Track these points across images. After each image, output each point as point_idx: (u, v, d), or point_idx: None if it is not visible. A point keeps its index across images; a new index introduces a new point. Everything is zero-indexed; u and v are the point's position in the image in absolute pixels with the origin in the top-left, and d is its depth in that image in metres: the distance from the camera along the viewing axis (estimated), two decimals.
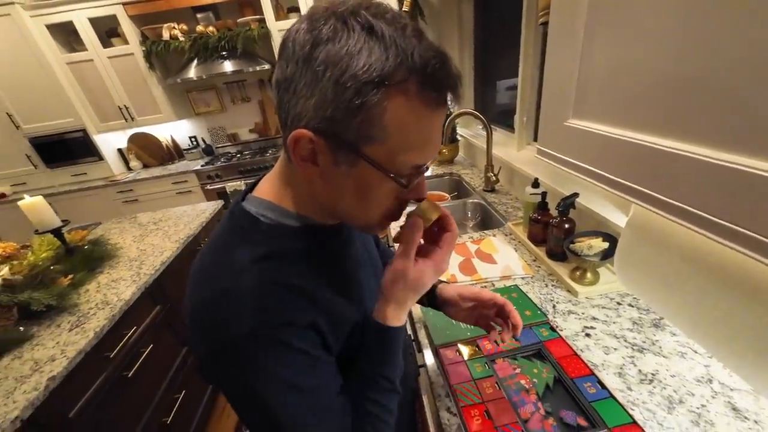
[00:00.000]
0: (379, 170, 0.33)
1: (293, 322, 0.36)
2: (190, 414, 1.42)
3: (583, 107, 0.50)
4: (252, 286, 0.35)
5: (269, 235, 0.39)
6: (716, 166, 0.32)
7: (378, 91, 0.29)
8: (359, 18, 0.29)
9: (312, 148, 0.33)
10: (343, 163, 0.34)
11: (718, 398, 0.58)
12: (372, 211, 0.39)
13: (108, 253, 1.44)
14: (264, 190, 0.42)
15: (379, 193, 0.37)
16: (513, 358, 0.68)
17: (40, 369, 0.88)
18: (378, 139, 0.32)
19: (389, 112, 0.30)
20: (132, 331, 1.15)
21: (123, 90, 2.76)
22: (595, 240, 0.83)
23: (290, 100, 0.32)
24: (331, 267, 0.44)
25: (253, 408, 0.36)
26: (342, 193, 0.37)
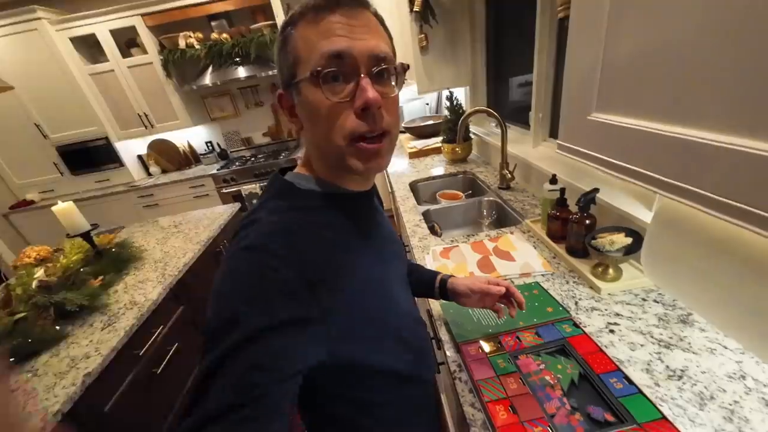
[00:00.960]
0: (303, 81, 0.40)
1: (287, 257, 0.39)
2: None
3: (607, 100, 0.50)
4: (269, 245, 0.39)
5: (302, 197, 0.46)
6: (747, 154, 0.32)
7: (287, 29, 0.41)
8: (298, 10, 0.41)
9: (287, 104, 0.45)
10: (296, 98, 0.43)
11: (752, 394, 0.56)
12: (329, 131, 0.41)
13: (134, 255, 1.50)
14: (299, 166, 0.51)
15: (319, 106, 0.40)
16: (536, 354, 0.68)
17: (76, 366, 0.92)
18: (295, 60, 0.41)
19: (298, 38, 0.40)
20: (159, 330, 1.19)
21: (142, 98, 2.86)
22: (617, 235, 0.82)
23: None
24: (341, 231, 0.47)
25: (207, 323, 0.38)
26: (308, 128, 0.44)
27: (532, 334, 0.72)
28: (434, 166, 2.02)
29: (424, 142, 2.40)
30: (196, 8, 2.63)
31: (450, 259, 1.07)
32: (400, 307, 0.53)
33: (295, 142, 3.38)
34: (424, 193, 1.85)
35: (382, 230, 0.56)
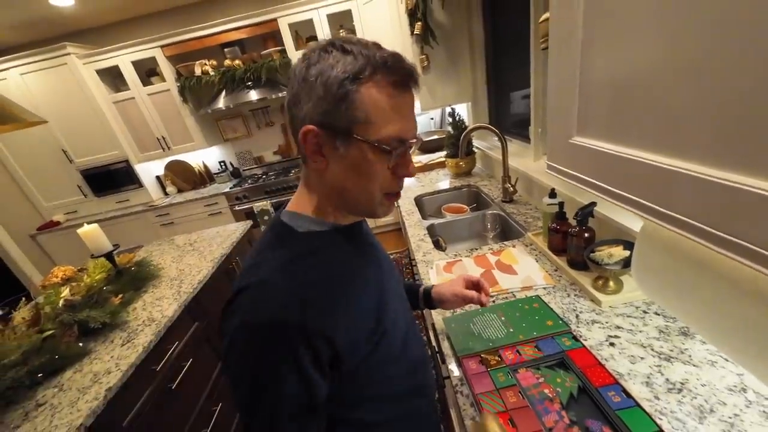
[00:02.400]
0: (367, 143, 0.42)
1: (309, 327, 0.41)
2: (227, 425, 1.49)
3: (586, 125, 0.53)
4: (289, 283, 0.42)
5: (301, 240, 0.47)
6: (711, 183, 0.35)
7: (353, 83, 0.41)
8: (335, 44, 0.43)
9: (317, 141, 0.43)
10: (341, 146, 0.43)
11: (753, 407, 0.56)
12: (372, 186, 0.46)
13: (152, 273, 1.57)
14: (293, 205, 0.51)
15: (375, 167, 0.44)
16: (536, 368, 0.69)
17: (98, 381, 0.97)
18: (362, 119, 0.42)
19: (366, 97, 0.41)
20: (174, 346, 1.24)
21: (161, 122, 3.02)
22: (615, 248, 0.84)
23: (297, 112, 0.43)
24: (353, 264, 0.51)
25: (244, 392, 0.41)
26: (346, 175, 0.45)
27: (531, 347, 0.73)
28: (439, 179, 2.06)
29: (429, 157, 2.45)
30: (210, 38, 2.79)
31: (453, 274, 1.09)
32: (398, 325, 0.56)
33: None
34: (430, 206, 1.89)
35: (376, 250, 0.59)
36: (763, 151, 0.29)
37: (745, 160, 0.31)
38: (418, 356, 0.61)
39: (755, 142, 0.30)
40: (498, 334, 0.78)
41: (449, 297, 0.73)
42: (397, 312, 0.56)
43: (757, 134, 0.29)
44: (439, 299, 0.74)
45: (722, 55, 0.31)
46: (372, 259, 0.56)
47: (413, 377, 0.58)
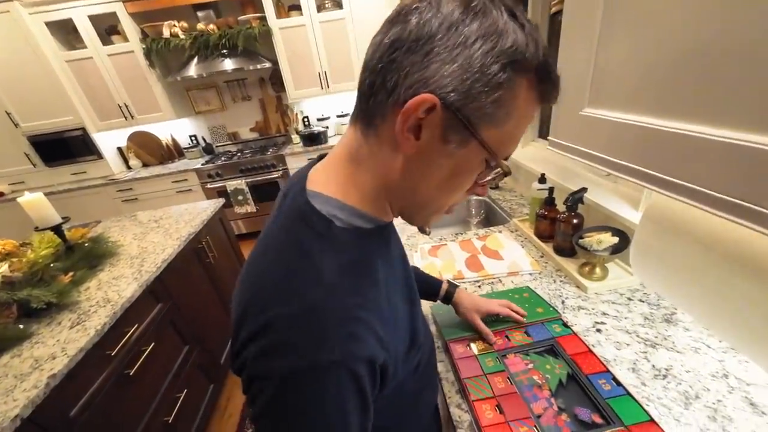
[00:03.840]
0: (489, 154, 0.32)
1: (374, 357, 0.33)
2: (191, 414, 1.41)
3: (600, 95, 0.49)
4: (343, 308, 0.32)
5: (344, 242, 0.36)
6: (732, 146, 0.32)
7: (516, 73, 0.29)
8: (504, 1, 0.30)
9: (428, 119, 0.30)
10: (453, 141, 0.31)
11: (735, 393, 0.57)
12: (451, 196, 0.37)
13: (109, 250, 1.42)
14: (326, 184, 0.38)
15: (469, 178, 0.35)
16: (525, 353, 0.67)
17: (40, 367, 0.86)
18: (498, 122, 0.31)
19: (516, 97, 0.31)
20: (134, 329, 1.14)
21: (123, 88, 2.75)
22: (604, 234, 0.82)
23: (417, 62, 0.29)
24: (395, 270, 0.42)
25: None
26: (432, 174, 0.34)
27: (521, 333, 0.71)
28: None
29: None
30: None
31: (438, 257, 1.05)
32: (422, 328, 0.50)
33: (283, 138, 3.31)
34: None
35: (400, 245, 0.52)
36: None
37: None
38: (430, 348, 0.56)
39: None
40: (487, 319, 0.75)
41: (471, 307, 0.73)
42: (418, 314, 0.49)
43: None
44: (461, 304, 0.74)
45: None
46: (401, 259, 0.48)
47: (426, 375, 0.54)
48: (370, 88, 0.32)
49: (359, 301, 0.33)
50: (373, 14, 2.66)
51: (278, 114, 3.27)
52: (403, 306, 0.42)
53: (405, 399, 0.48)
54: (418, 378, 0.49)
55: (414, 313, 0.45)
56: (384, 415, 0.41)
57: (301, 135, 3.02)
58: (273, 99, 3.20)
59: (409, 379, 0.46)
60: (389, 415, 0.44)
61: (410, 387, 0.47)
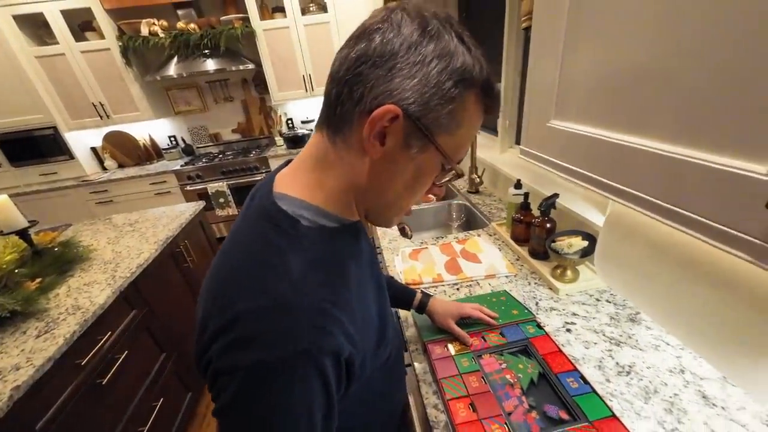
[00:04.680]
0: (444, 158, 0.36)
1: (339, 350, 0.34)
2: (168, 423, 1.37)
3: (564, 108, 0.52)
4: (310, 302, 0.33)
5: (311, 240, 0.37)
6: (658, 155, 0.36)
7: (465, 89, 0.34)
8: (453, 26, 0.34)
9: (391, 127, 0.33)
10: (414, 147, 0.35)
11: (690, 387, 0.61)
12: (413, 197, 0.41)
13: (80, 255, 1.37)
14: (292, 186, 0.39)
15: (428, 180, 0.39)
16: (500, 354, 0.69)
17: (3, 378, 0.82)
18: (451, 130, 0.35)
19: (465, 109, 0.35)
20: (106, 337, 1.10)
21: (98, 86, 2.65)
22: (575, 238, 0.86)
23: (381, 75, 0.33)
24: (362, 268, 0.43)
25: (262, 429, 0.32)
26: (395, 176, 0.37)
27: (497, 334, 0.73)
28: None
29: None
30: None
31: (419, 261, 1.07)
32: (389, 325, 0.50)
33: (266, 139, 3.27)
34: None
35: (371, 246, 0.52)
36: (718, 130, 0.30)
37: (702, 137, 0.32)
38: (398, 346, 0.57)
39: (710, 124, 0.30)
40: (464, 322, 0.77)
41: (443, 315, 0.76)
42: (388, 312, 0.50)
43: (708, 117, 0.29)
44: (434, 313, 0.77)
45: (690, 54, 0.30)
46: (371, 258, 0.49)
47: (394, 373, 0.55)
48: (337, 97, 0.35)
49: (326, 296, 0.34)
50: (358, 20, 2.64)
51: (261, 116, 3.23)
52: (372, 302, 0.44)
53: (373, 398, 0.49)
54: (386, 375, 0.51)
55: (383, 308, 0.46)
56: (352, 415, 0.42)
57: (284, 137, 3.00)
58: (256, 100, 3.16)
59: (378, 376, 0.47)
60: (357, 414, 0.45)
61: (378, 386, 0.49)
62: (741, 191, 0.29)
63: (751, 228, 0.29)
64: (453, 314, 0.75)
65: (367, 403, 0.48)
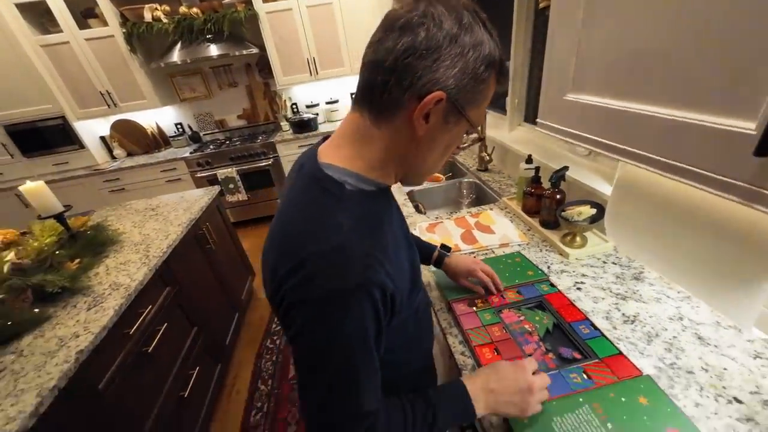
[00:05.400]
0: (472, 127, 0.45)
1: (385, 284, 0.41)
2: (203, 391, 1.48)
3: (581, 83, 0.58)
4: (360, 247, 0.40)
5: (355, 201, 0.44)
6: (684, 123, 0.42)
7: (491, 70, 0.42)
8: (478, 15, 0.41)
9: (436, 108, 0.41)
10: (451, 122, 0.43)
11: (687, 331, 0.69)
12: (443, 160, 0.49)
13: (111, 238, 1.44)
14: (335, 157, 0.46)
15: (455, 144, 0.48)
16: (517, 308, 0.77)
17: (66, 344, 0.91)
18: (477, 104, 0.43)
19: (489, 87, 0.43)
20: (147, 310, 1.18)
21: (104, 74, 2.66)
22: (584, 207, 0.93)
23: (427, 66, 0.39)
24: (395, 226, 0.51)
25: (322, 357, 0.40)
26: (435, 146, 0.46)
27: (514, 292, 0.81)
28: None
29: None
30: None
31: (436, 234, 1.14)
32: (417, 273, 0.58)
33: (272, 125, 3.30)
34: None
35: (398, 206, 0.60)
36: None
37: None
38: (427, 302, 0.66)
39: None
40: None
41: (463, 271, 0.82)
42: (417, 265, 0.58)
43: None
44: (454, 269, 0.83)
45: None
46: (400, 218, 0.57)
47: (423, 321, 0.63)
48: (384, 84, 0.41)
49: (372, 244, 0.42)
50: (362, 3, 2.65)
51: (266, 101, 3.24)
52: (404, 254, 0.51)
53: (408, 339, 0.57)
54: (417, 321, 0.59)
55: (413, 260, 0.54)
56: (392, 351, 0.50)
57: (290, 122, 3.02)
58: (260, 85, 3.17)
59: (411, 320, 0.56)
60: (396, 351, 0.53)
61: (411, 329, 0.57)
62: (733, 144, 0.36)
63: (741, 174, 0.35)
64: (464, 273, 0.82)
65: (403, 343, 0.56)
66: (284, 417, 1.48)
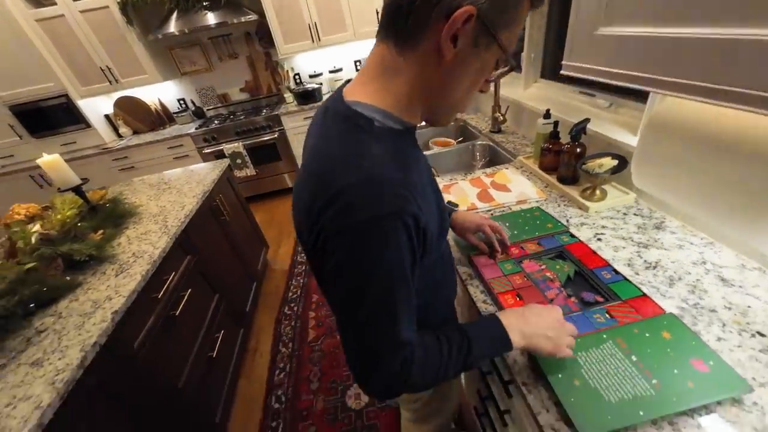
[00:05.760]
0: (504, 53, 0.42)
1: (418, 215, 0.41)
2: (228, 353, 1.56)
3: (613, 13, 0.55)
4: (394, 178, 0.40)
5: (384, 137, 0.43)
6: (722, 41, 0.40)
7: None
8: None
9: (459, 29, 0.38)
10: (481, 45, 0.40)
11: (710, 274, 0.69)
12: (472, 93, 0.47)
13: (129, 210, 1.47)
14: (362, 94, 0.45)
15: (485, 75, 0.45)
16: (538, 259, 0.78)
17: (101, 306, 0.95)
18: (510, 27, 0.40)
19: (523, 8, 0.40)
20: (171, 277, 1.22)
21: (102, 49, 2.60)
22: (605, 159, 0.91)
23: None
24: (423, 166, 0.51)
25: (361, 287, 0.41)
26: (463, 75, 0.43)
27: (534, 244, 0.81)
28: None
29: None
30: None
31: (451, 194, 1.14)
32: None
33: (275, 97, 3.23)
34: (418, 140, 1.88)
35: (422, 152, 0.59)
36: None
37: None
38: (450, 254, 0.67)
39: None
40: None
41: (471, 226, 0.81)
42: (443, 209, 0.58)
43: None
44: (461, 225, 0.81)
45: None
46: (426, 163, 0.56)
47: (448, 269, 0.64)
48: (409, 6, 0.39)
49: (403, 177, 0.42)
50: None
51: (268, 72, 3.15)
52: (432, 197, 0.51)
53: (434, 283, 0.58)
54: (442, 267, 0.60)
55: (440, 205, 0.54)
56: (420, 292, 0.50)
57: (294, 93, 2.95)
58: (261, 56, 3.07)
59: (437, 265, 0.57)
60: (424, 293, 0.53)
61: (437, 274, 0.58)
62: None
63: None
64: (472, 228, 0.82)
65: (430, 286, 0.57)
66: (306, 375, 1.56)
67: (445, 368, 0.47)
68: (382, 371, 0.44)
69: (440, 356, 0.47)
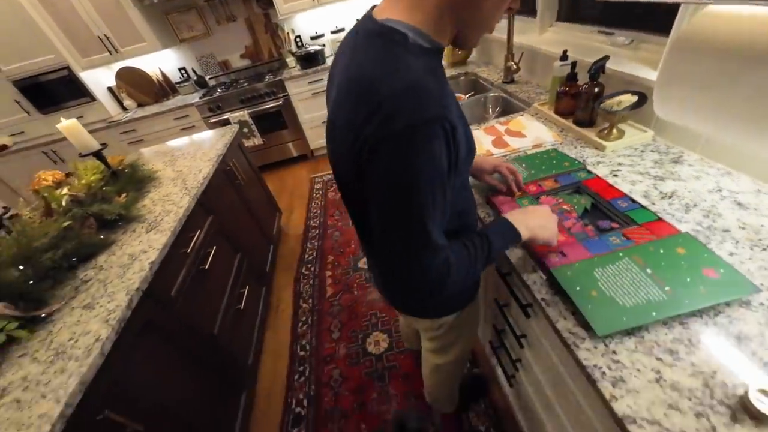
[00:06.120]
0: None
1: (456, 125, 0.43)
2: (254, 309, 1.65)
3: None
4: (433, 87, 0.42)
5: (417, 53, 0.45)
6: None
7: None
8: None
9: None
10: None
11: (726, 200, 0.71)
12: (500, 13, 0.48)
13: (147, 175, 1.51)
14: (392, 11, 0.46)
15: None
16: (555, 194, 0.80)
17: (137, 258, 1.01)
18: None
19: None
20: (197, 234, 1.28)
21: (98, 16, 2.52)
22: (624, 96, 0.90)
23: None
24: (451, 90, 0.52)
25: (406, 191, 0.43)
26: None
27: (551, 181, 0.83)
28: None
29: None
30: None
31: None
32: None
33: (277, 62, 3.14)
34: None
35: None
36: None
37: None
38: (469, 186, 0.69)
39: None
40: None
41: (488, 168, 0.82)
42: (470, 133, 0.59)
43: None
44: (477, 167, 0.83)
45: None
46: (451, 88, 0.57)
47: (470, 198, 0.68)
48: None
49: (441, 88, 0.43)
50: None
51: (268, 35, 3.04)
52: (461, 120, 0.51)
53: (458, 210, 0.61)
54: (465, 196, 0.64)
55: (467, 128, 0.54)
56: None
57: (296, 56, 2.87)
58: (260, 17, 2.95)
59: (462, 194, 0.60)
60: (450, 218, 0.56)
61: (461, 203, 0.62)
62: None
63: None
64: (489, 170, 0.83)
65: (454, 215, 0.60)
66: (327, 326, 1.66)
67: (475, 262, 0.53)
68: (433, 263, 0.47)
69: (468, 256, 0.52)
